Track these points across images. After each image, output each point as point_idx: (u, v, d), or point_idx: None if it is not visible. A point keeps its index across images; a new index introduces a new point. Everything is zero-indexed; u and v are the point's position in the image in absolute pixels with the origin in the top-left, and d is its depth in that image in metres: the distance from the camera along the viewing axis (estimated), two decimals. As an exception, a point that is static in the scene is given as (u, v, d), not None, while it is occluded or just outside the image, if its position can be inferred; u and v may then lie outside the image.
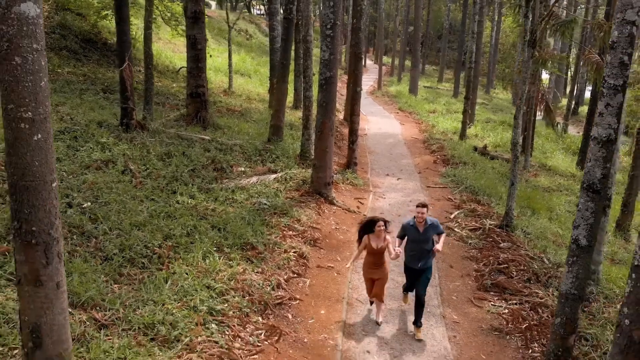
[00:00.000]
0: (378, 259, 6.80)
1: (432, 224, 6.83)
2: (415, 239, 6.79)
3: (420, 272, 6.83)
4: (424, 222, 6.75)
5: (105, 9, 19.45)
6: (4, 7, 3.81)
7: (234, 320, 6.11)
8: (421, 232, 6.75)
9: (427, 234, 6.79)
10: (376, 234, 6.71)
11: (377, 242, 6.73)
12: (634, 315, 3.39)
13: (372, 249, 6.73)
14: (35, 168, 4.06)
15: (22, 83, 3.90)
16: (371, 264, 6.84)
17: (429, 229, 6.79)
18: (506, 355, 6.63)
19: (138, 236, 7.30)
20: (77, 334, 5.06)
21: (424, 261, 6.82)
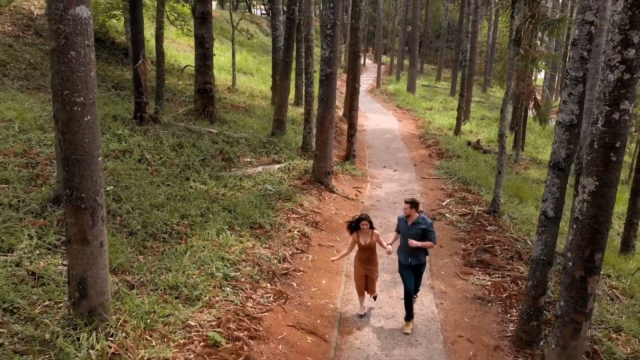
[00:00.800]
0: (369, 254, 6.99)
1: (422, 222, 6.80)
2: (403, 232, 6.91)
3: (414, 268, 6.88)
4: (413, 218, 6.81)
5: (114, 9, 20.26)
6: (61, 10, 4.64)
7: (246, 285, 6.94)
8: (408, 226, 6.83)
9: (414, 229, 6.76)
10: (363, 231, 6.92)
11: (364, 238, 6.94)
12: (575, 258, 4.18)
13: (361, 245, 6.95)
14: (85, 144, 4.88)
15: (76, 73, 4.73)
16: (362, 259, 7.00)
17: (416, 225, 6.78)
18: (487, 319, 7.45)
19: (158, 215, 8.12)
20: (112, 292, 5.86)
21: (414, 257, 6.83)
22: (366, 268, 7.00)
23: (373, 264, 7.06)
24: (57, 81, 4.80)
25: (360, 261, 7.05)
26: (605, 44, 4.14)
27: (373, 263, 7.06)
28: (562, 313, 4.32)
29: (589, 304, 4.19)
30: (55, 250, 6.64)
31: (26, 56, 16.79)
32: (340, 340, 6.56)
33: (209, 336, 5.55)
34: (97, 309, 5.22)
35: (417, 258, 6.85)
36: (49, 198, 7.72)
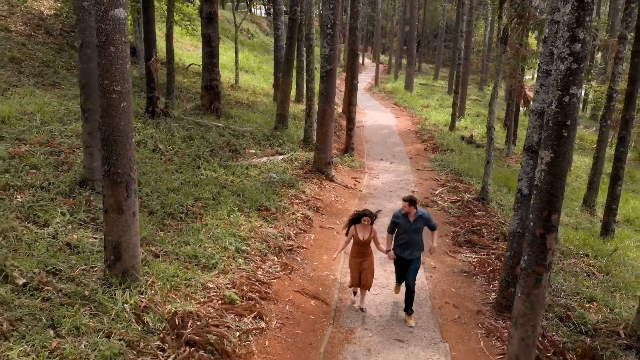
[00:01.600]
0: (364, 249, 7.11)
1: (422, 215, 7.03)
2: (405, 228, 6.96)
3: (408, 262, 7.03)
4: (414, 213, 6.96)
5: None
6: (103, 11, 5.46)
7: (256, 257, 7.76)
8: (412, 221, 6.94)
9: (417, 224, 6.96)
10: (362, 226, 7.04)
11: (363, 233, 7.04)
12: (535, 219, 4.99)
13: (359, 239, 7.04)
14: (121, 127, 5.70)
15: (114, 65, 5.55)
16: (358, 253, 7.12)
17: (419, 219, 6.97)
18: (471, 289, 8.28)
19: (174, 198, 8.94)
20: (140, 259, 6.67)
21: (412, 252, 6.99)
22: (362, 262, 7.10)
23: (368, 258, 7.16)
24: (98, 72, 5.60)
25: (355, 256, 7.14)
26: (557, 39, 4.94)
27: (368, 257, 7.16)
28: (526, 266, 5.13)
29: (548, 258, 5.00)
30: (85, 225, 7.45)
31: (39, 54, 17.57)
32: (340, 304, 7.39)
33: (226, 295, 6.37)
34: (130, 270, 6.04)
35: (414, 251, 7.03)
36: (75, 181, 8.53)
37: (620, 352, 6.85)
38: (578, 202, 14.96)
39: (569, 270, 9.39)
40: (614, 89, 13.18)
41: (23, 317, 5.20)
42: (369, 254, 7.19)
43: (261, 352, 5.83)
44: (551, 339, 6.88)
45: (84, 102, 8.31)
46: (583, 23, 4.47)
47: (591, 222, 13.62)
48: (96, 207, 8.04)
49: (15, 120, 10.84)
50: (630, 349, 6.96)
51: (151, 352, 5.15)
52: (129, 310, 5.61)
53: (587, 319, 7.59)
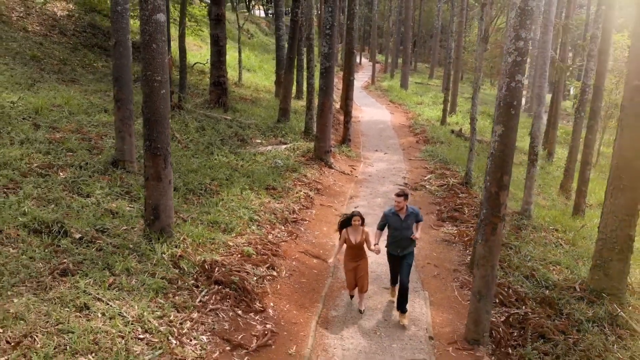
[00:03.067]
0: (358, 252, 7.05)
1: (413, 211, 7.07)
2: (397, 226, 6.94)
3: (401, 258, 7.04)
4: (405, 210, 6.97)
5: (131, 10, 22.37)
6: (147, 16, 6.78)
7: (266, 225, 9.09)
8: (402, 219, 6.95)
9: (409, 221, 6.98)
10: (353, 227, 6.97)
11: (354, 235, 6.98)
12: (491, 179, 6.30)
13: (351, 242, 6.98)
14: (160, 109, 7.02)
15: (156, 59, 6.86)
16: (351, 256, 7.09)
17: (410, 216, 6.99)
18: (450, 254, 9.62)
19: (194, 177, 10.26)
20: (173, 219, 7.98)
21: (405, 248, 7.01)
22: (356, 265, 7.08)
23: (362, 261, 7.12)
24: (142, 65, 6.91)
25: (350, 259, 7.11)
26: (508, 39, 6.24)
27: (362, 260, 7.13)
28: (484, 217, 6.44)
29: (502, 210, 6.30)
30: (122, 197, 8.76)
31: (56, 53, 18.87)
32: (338, 262, 8.71)
33: (244, 250, 7.71)
34: (166, 228, 7.36)
35: (409, 247, 7.06)
36: (108, 162, 9.85)
37: (574, 301, 8.18)
38: (556, 188, 16.32)
39: (538, 241, 10.74)
40: (587, 83, 14.52)
41: (83, 261, 6.51)
42: (363, 257, 7.12)
43: (274, 293, 7.16)
44: (515, 290, 8.22)
45: (116, 92, 9.62)
46: (525, 25, 5.80)
47: (566, 205, 14.98)
48: (128, 183, 9.36)
49: (47, 111, 12.15)
50: (582, 300, 8.30)
51: (188, 287, 6.48)
52: (167, 258, 6.94)
53: (549, 277, 8.92)
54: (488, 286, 6.50)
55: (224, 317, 6.22)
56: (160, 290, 6.23)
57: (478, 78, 13.22)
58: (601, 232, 8.49)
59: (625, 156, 8.09)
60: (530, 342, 6.74)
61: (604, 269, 8.38)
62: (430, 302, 7.73)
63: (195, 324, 5.86)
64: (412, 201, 12.50)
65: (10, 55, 16.62)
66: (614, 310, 7.92)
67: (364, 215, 7.21)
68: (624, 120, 8.09)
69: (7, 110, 11.52)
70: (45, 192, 8.13)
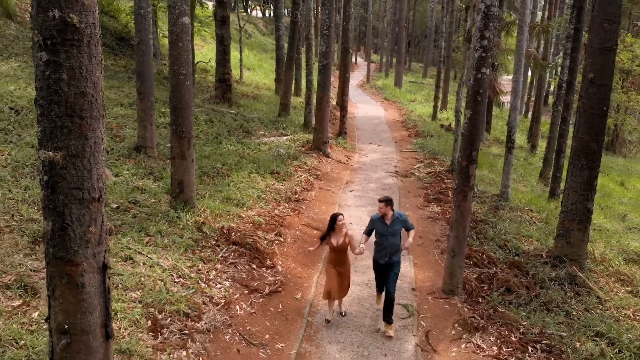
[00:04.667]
0: (340, 256, 6.72)
1: (399, 217, 6.77)
2: (382, 232, 6.67)
3: (387, 267, 6.70)
4: (390, 216, 6.68)
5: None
6: (174, 19, 8.04)
7: (272, 203, 10.37)
8: (388, 224, 6.65)
9: (395, 227, 6.68)
10: (337, 230, 6.66)
11: (337, 238, 6.66)
12: (462, 155, 7.58)
13: (333, 245, 6.68)
14: (185, 98, 8.29)
15: (182, 56, 8.13)
16: (333, 261, 6.77)
17: (396, 222, 6.71)
18: (434, 228, 10.92)
19: (206, 162, 11.53)
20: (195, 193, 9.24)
21: (391, 256, 6.69)
22: (338, 270, 6.74)
23: (345, 266, 6.83)
24: (170, 61, 8.16)
25: (331, 263, 6.79)
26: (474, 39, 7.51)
27: (345, 265, 6.83)
28: (457, 187, 7.72)
29: (471, 181, 7.58)
30: (147, 177, 10.01)
31: (69, 52, 19.97)
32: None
33: (255, 220, 8.99)
34: (189, 200, 8.63)
35: (395, 255, 6.76)
36: (131, 148, 11.09)
37: (540, 265, 9.48)
38: (536, 177, 17.66)
39: (514, 219, 12.04)
40: (563, 79, 15.85)
41: (122, 224, 7.77)
42: (346, 262, 6.81)
43: (282, 254, 8.45)
44: (489, 255, 9.52)
45: (139, 86, 10.87)
46: (488, 27, 7.09)
47: (544, 191, 16.30)
48: (151, 165, 10.61)
49: (70, 104, 13.37)
50: (547, 264, 9.61)
51: (211, 246, 7.75)
52: (191, 224, 8.20)
53: (519, 247, 10.23)
54: (460, 245, 7.80)
55: (241, 269, 7.50)
56: (189, 247, 7.49)
57: (463, 74, 14.52)
58: (564, 205, 9.81)
59: (583, 139, 9.41)
60: (497, 293, 8.04)
61: (566, 237, 9.69)
62: (414, 264, 9.03)
63: (219, 273, 7.14)
64: (402, 186, 13.84)
65: (28, 54, 17.76)
66: (574, 271, 9.23)
67: (358, 199, 8.43)
68: (581, 108, 9.41)
69: (36, 103, 12.75)
70: (81, 172, 9.37)
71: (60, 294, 3.29)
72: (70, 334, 3.34)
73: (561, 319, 7.71)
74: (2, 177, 8.38)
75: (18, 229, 6.90)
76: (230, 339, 6.04)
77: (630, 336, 7.39)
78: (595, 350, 7.03)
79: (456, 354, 6.51)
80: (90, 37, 3.05)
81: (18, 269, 5.91)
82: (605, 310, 8.33)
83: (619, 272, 9.87)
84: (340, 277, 6.75)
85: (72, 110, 3.05)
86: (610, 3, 8.94)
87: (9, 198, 7.73)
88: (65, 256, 3.22)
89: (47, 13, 2.91)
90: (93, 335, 3.40)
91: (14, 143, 10.00)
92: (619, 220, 14.34)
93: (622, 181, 20.45)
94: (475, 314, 7.38)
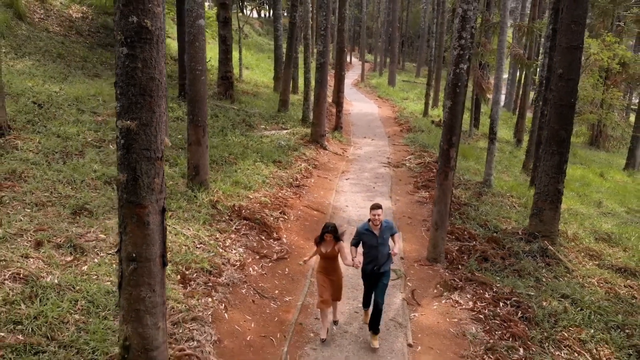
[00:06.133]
0: (330, 264, 6.57)
1: (387, 225, 6.57)
2: (372, 244, 6.43)
3: (377, 276, 6.53)
4: (379, 225, 6.44)
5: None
6: (192, 21, 9.14)
7: (276, 187, 11.47)
8: (377, 235, 6.43)
9: (384, 236, 6.48)
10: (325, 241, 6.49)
11: (325, 246, 6.49)
12: (443, 140, 8.71)
13: (322, 253, 6.53)
14: (201, 91, 9.39)
15: (198, 54, 9.22)
16: (324, 269, 6.62)
17: (385, 231, 6.49)
18: (422, 210, 12.05)
19: (214, 151, 12.60)
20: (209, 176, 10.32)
21: (382, 265, 6.51)
22: (329, 278, 6.60)
23: (336, 274, 6.65)
24: (187, 58, 9.24)
25: (322, 271, 6.63)
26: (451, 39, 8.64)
27: (336, 273, 6.65)
28: (439, 168, 8.84)
29: (451, 162, 8.70)
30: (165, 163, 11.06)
31: (77, 51, 21.04)
32: (333, 214, 11.12)
33: (262, 200, 10.09)
34: (204, 182, 9.72)
35: (386, 265, 6.58)
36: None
37: (515, 240, 10.63)
38: (520, 168, 18.86)
39: (495, 203, 13.20)
40: (543, 76, 17.03)
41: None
42: (336, 270, 6.63)
43: (286, 229, 9.56)
44: (470, 232, 10.65)
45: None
46: (465, 28, 8.23)
47: (526, 180, 17.50)
48: (165, 154, 11.67)
49: (85, 99, 14.42)
50: (522, 240, 10.76)
51: (225, 220, 8.85)
52: (207, 202, 9.29)
53: (498, 225, 11.38)
54: (442, 218, 8.93)
55: (252, 239, 8.61)
56: (206, 221, 8.58)
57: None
58: (537, 187, 10.97)
59: (553, 128, 10.57)
60: (475, 261, 9.18)
61: (539, 216, 10.85)
62: (403, 239, 10.16)
63: (233, 242, 8.24)
64: (394, 175, 14.97)
65: (40, 53, 18.79)
66: (545, 245, 10.38)
67: (353, 185, 9.53)
68: (551, 101, 10.58)
69: (55, 97, 13.78)
70: (104, 158, 10.44)
71: (130, 230, 4.38)
72: (137, 261, 4.43)
73: (531, 284, 8.84)
74: (37, 161, 9.43)
75: (58, 203, 7.96)
76: (245, 292, 7.15)
77: (592, 298, 8.53)
78: (560, 307, 8.16)
79: (437, 307, 7.65)
80: (158, 37, 4.14)
81: (66, 233, 6.98)
82: (572, 278, 9.48)
83: (589, 249, 11.04)
84: (332, 283, 6.59)
85: (144, 90, 4.14)
86: (577, 7, 10.11)
87: (46, 179, 8.78)
88: (135, 200, 4.32)
89: (128, 19, 4.00)
90: (154, 263, 4.49)
91: (42, 133, 11.04)
92: (594, 206, 15.55)
93: (602, 172, 21.70)
94: (454, 277, 8.52)
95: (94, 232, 7.24)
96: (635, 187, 20.32)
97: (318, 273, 6.70)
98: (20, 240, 6.62)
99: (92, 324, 5.45)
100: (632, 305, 8.64)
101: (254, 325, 6.57)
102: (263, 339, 6.27)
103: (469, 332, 6.98)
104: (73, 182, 8.82)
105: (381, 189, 13.42)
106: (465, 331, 7.00)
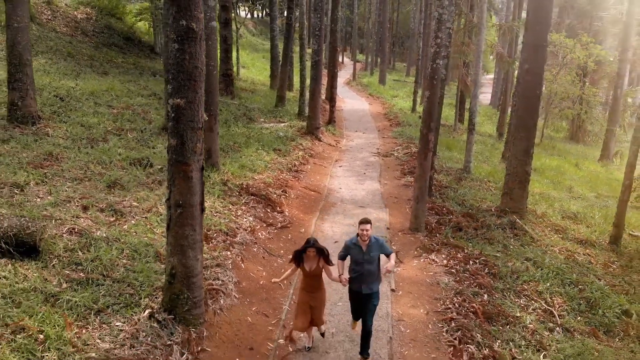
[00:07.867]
0: (314, 281, 6.16)
1: (377, 242, 6.12)
2: (358, 259, 6.06)
3: (366, 298, 6.13)
4: (367, 241, 6.03)
5: (142, 14, 25.98)
6: (205, 22, 10.49)
7: (277, 171, 12.87)
8: (364, 251, 6.04)
9: (372, 253, 6.06)
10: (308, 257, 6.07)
11: (309, 264, 6.09)
12: (423, 125, 10.16)
13: (306, 271, 6.12)
14: (213, 84, 10.78)
15: (211, 51, 10.61)
16: (307, 287, 6.21)
17: (373, 247, 6.07)
18: (407, 192, 13.48)
19: (220, 140, 13.91)
20: (219, 159, 11.69)
21: (369, 285, 6.11)
22: (312, 297, 6.19)
23: (320, 292, 6.26)
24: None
25: (305, 290, 6.22)
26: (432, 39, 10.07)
27: (320, 291, 6.26)
28: (419, 149, 10.31)
29: (430, 144, 10.16)
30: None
31: (84, 51, 22.28)
32: (328, 194, 12.53)
33: (266, 180, 11.49)
34: (215, 163, 11.10)
35: (372, 285, 6.14)
36: (160, 127, 13.50)
37: (488, 215, 12.09)
38: (497, 156, 20.40)
39: (473, 187, 14.68)
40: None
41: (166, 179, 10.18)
42: (320, 288, 6.24)
43: (288, 205, 10.97)
44: (448, 208, 12.11)
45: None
46: (441, 29, 9.68)
47: (503, 168, 18.99)
48: (177, 141, 13.02)
49: (100, 94, 15.72)
50: (494, 215, 12.22)
51: (235, 195, 10.23)
52: (218, 181, 10.67)
53: (474, 204, 12.85)
54: (423, 193, 10.38)
55: (259, 211, 10.00)
56: (219, 195, 9.97)
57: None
58: (507, 169, 12.45)
59: (521, 116, 12.06)
60: (450, 230, 10.63)
61: (509, 195, 12.32)
62: (390, 214, 11.60)
63: (244, 212, 9.63)
64: (383, 163, 16.42)
65: (52, 52, 20.02)
66: (514, 219, 11.86)
67: (346, 171, 10.94)
68: (519, 92, 12.07)
69: (72, 92, 15.08)
70: (125, 144, 11.79)
71: (177, 183, 5.77)
72: (182, 207, 5.82)
73: (499, 249, 10.29)
74: (67, 146, 10.76)
75: (94, 178, 9.30)
76: (257, 250, 8.55)
77: (553, 262, 9.97)
78: (522, 267, 9.61)
79: (416, 264, 9.09)
80: (200, 35, 5.53)
81: (105, 200, 8.34)
82: (537, 247, 10.93)
83: (555, 224, 12.52)
84: (312, 303, 6.19)
85: (190, 76, 5.54)
86: (541, 9, 11.58)
87: (79, 159, 10.11)
88: (182, 160, 5.71)
89: (179, 22, 5.39)
90: (195, 208, 5.89)
91: (67, 122, 12.35)
92: (566, 191, 17.08)
93: (577, 163, 23.29)
94: (432, 242, 9.96)
95: (128, 201, 8.60)
96: (607, 176, 21.91)
97: (301, 290, 6.27)
98: (69, 205, 7.96)
99: (137, 266, 6.82)
100: (588, 269, 10.12)
101: (265, 274, 7.98)
102: (273, 284, 7.67)
103: (442, 281, 8.42)
104: (103, 163, 10.16)
105: (371, 174, 14.87)
106: (439, 281, 8.45)
